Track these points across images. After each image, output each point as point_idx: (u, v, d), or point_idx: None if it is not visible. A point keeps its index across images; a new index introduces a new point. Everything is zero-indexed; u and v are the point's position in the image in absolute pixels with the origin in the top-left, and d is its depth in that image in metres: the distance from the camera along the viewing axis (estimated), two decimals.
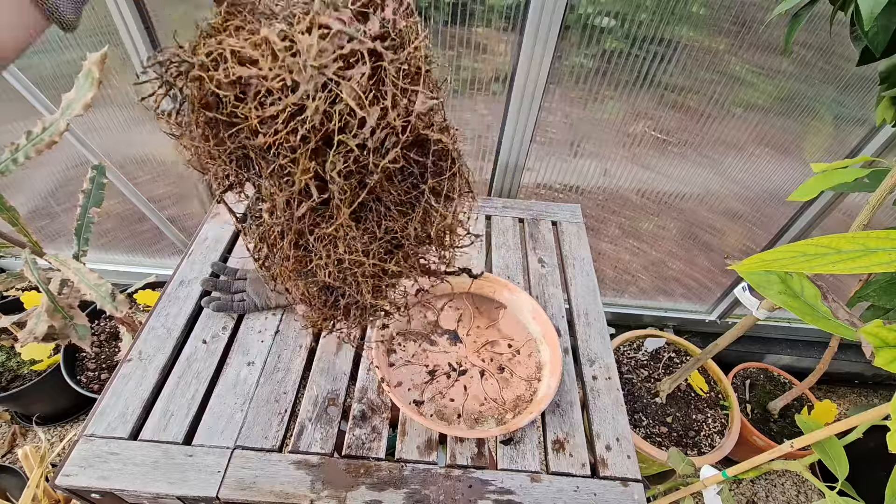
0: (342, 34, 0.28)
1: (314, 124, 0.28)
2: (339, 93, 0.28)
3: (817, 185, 0.72)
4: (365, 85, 0.28)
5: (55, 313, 0.93)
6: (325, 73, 0.28)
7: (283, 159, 0.30)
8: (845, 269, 0.34)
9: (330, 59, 0.28)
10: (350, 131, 0.29)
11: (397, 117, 0.30)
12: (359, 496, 0.62)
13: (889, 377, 1.70)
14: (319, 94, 0.28)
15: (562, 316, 0.87)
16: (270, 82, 0.28)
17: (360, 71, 0.28)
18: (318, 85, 0.28)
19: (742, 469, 0.72)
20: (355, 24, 0.29)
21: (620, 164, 1.21)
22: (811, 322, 0.54)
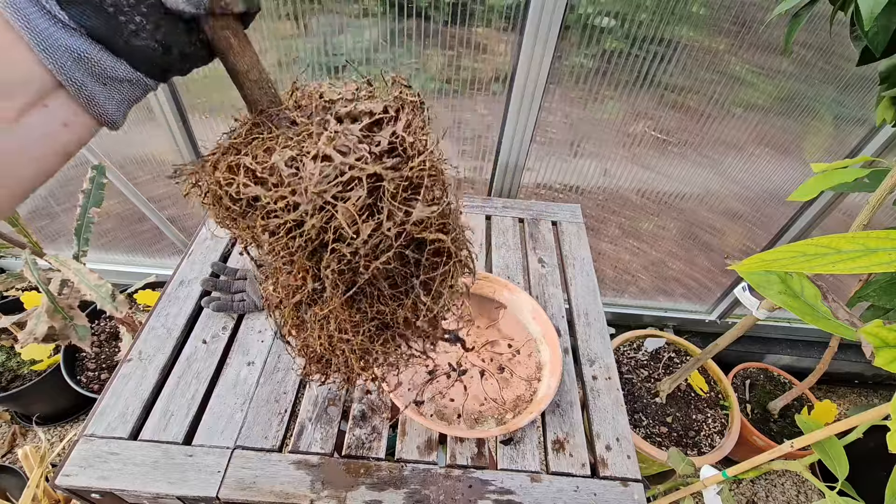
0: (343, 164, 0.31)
1: (310, 236, 0.32)
2: (334, 213, 0.31)
3: (817, 185, 0.72)
4: (361, 204, 0.32)
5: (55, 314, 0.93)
6: (323, 197, 0.31)
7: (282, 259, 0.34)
8: (845, 269, 0.34)
9: (330, 185, 0.31)
10: (344, 241, 0.32)
11: (392, 227, 0.33)
12: (359, 496, 0.62)
13: (889, 377, 1.70)
14: (317, 213, 0.31)
15: (562, 316, 0.87)
16: (274, 203, 0.31)
17: (357, 195, 0.31)
18: (317, 207, 0.31)
19: (742, 469, 0.72)
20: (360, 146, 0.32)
21: (620, 164, 1.21)
22: (811, 322, 0.54)
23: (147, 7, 0.26)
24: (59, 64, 0.25)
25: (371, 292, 0.38)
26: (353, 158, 0.31)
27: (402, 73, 1.02)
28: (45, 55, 0.24)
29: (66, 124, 0.27)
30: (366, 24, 0.95)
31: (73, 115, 0.27)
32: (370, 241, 0.33)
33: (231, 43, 0.30)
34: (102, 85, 0.27)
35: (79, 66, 0.26)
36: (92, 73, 0.26)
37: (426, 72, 1.03)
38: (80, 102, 0.26)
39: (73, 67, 0.25)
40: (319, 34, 0.96)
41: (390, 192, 0.32)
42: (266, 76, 0.33)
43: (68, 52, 0.25)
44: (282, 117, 0.34)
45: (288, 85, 0.37)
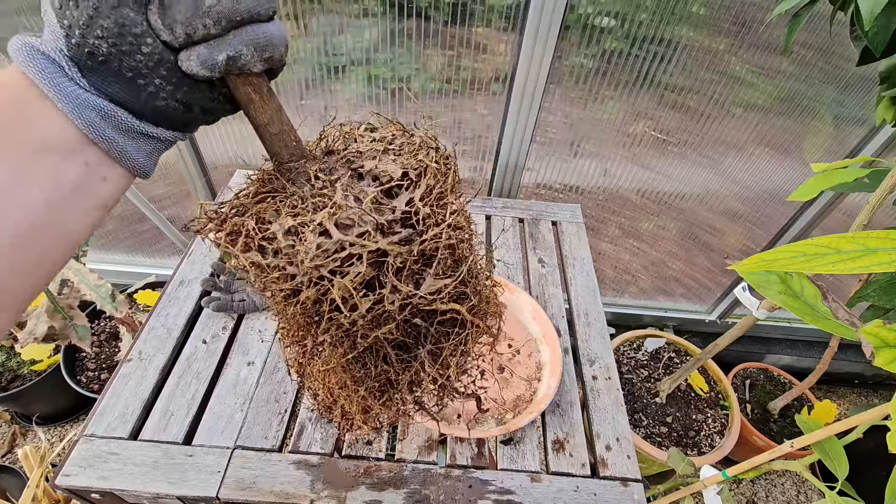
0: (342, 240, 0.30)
1: (306, 306, 0.31)
2: (330, 287, 0.30)
3: (817, 185, 0.72)
4: (360, 280, 0.31)
5: (55, 314, 0.93)
6: (319, 271, 0.30)
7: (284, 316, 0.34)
8: (845, 269, 0.34)
9: (327, 260, 0.30)
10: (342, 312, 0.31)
11: (397, 300, 0.32)
12: (359, 496, 0.62)
13: (889, 377, 1.70)
14: (312, 286, 0.31)
15: (562, 316, 0.86)
16: (270, 272, 0.31)
17: (356, 271, 0.30)
18: (312, 279, 0.30)
19: (742, 469, 0.72)
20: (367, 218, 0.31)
21: (620, 164, 1.21)
22: (811, 322, 0.54)
23: (165, 70, 0.26)
24: (89, 122, 0.26)
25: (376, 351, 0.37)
26: (355, 234, 0.30)
27: (402, 72, 1.02)
28: (75, 115, 0.25)
29: (105, 178, 0.28)
30: (366, 24, 0.95)
31: (110, 169, 0.28)
32: (370, 314, 0.32)
33: (252, 98, 0.30)
34: (132, 139, 0.28)
35: (107, 122, 0.26)
36: (119, 129, 0.27)
37: (426, 72, 1.03)
38: (113, 157, 0.27)
39: (103, 125, 0.26)
40: (319, 34, 0.96)
41: (395, 268, 0.31)
42: (288, 128, 0.33)
43: (95, 111, 0.26)
44: (300, 171, 0.33)
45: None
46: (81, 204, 0.27)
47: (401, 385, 0.38)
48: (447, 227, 0.33)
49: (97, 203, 0.28)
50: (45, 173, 0.25)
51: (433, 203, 0.33)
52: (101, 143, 0.26)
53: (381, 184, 0.33)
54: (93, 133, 0.26)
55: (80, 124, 0.25)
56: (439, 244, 0.32)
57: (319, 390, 0.40)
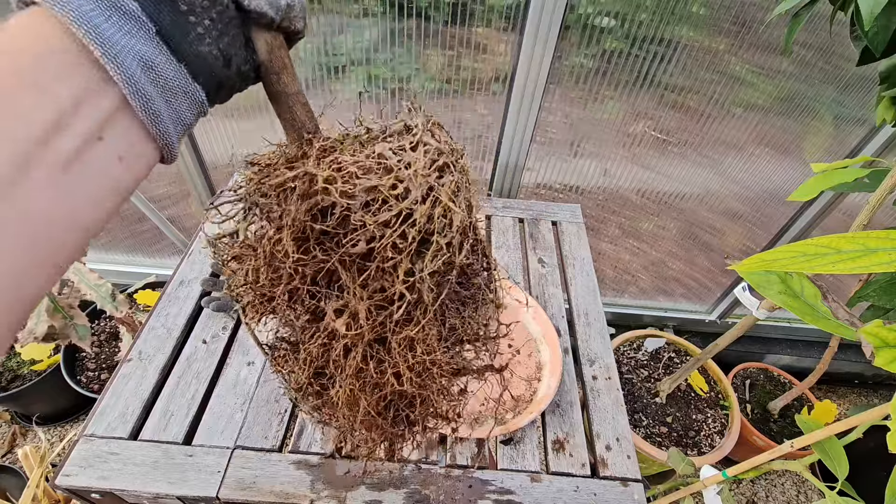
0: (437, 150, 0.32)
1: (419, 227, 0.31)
2: (438, 196, 0.31)
3: (817, 185, 0.72)
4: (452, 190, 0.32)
5: (55, 313, 0.93)
6: (429, 182, 0.31)
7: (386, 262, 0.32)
8: (845, 269, 0.34)
9: (432, 170, 0.32)
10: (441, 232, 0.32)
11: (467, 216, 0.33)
12: (359, 496, 0.62)
13: (889, 377, 1.70)
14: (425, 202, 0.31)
15: (562, 316, 0.86)
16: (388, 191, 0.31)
17: (450, 179, 0.32)
18: (426, 191, 0.31)
19: (742, 469, 0.72)
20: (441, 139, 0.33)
21: (620, 164, 1.21)
22: (811, 322, 0.54)
23: (217, 12, 0.24)
24: (128, 74, 0.21)
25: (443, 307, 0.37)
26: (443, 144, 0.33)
27: (402, 72, 1.02)
28: (112, 64, 0.21)
29: (122, 157, 0.23)
30: (366, 24, 0.95)
31: (129, 146, 0.23)
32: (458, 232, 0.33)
33: (286, 63, 0.29)
34: (165, 101, 0.24)
35: (147, 75, 0.22)
36: (157, 85, 0.23)
37: (426, 72, 1.03)
38: (144, 122, 0.23)
39: (143, 77, 0.22)
40: (319, 34, 0.96)
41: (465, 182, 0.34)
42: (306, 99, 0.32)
43: (137, 59, 0.22)
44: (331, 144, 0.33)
45: None
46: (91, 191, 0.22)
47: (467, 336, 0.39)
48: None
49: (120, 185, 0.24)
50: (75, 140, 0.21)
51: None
52: (136, 100, 0.22)
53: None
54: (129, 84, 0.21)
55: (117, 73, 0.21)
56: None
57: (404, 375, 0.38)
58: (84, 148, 0.21)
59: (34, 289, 0.22)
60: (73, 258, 0.23)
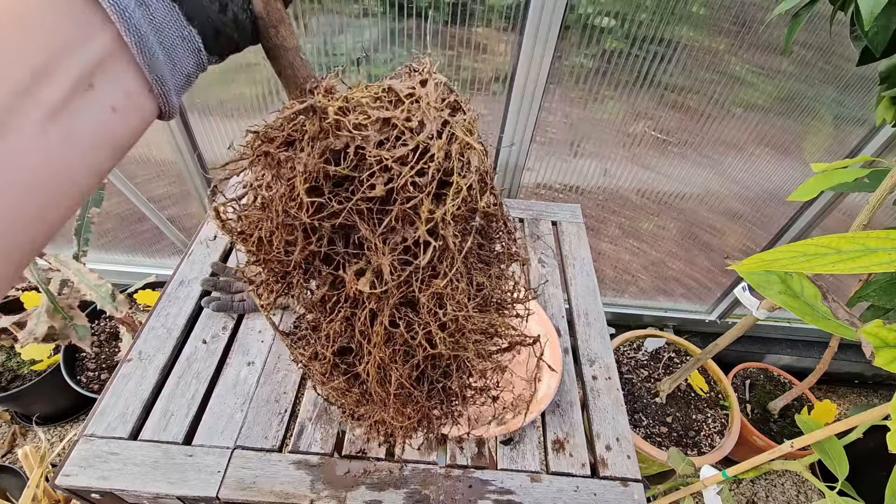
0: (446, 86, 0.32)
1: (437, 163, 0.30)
2: (454, 132, 0.30)
3: (817, 185, 0.72)
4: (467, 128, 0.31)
5: (55, 313, 0.93)
6: (442, 116, 0.30)
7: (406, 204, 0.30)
8: (845, 269, 0.34)
9: (444, 105, 0.31)
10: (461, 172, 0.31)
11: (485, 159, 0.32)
12: (359, 496, 0.62)
13: (889, 377, 1.70)
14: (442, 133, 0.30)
15: (562, 316, 0.86)
16: (402, 123, 0.29)
17: (462, 117, 0.31)
18: (440, 125, 0.30)
19: (742, 469, 0.72)
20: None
21: (620, 164, 1.21)
22: (811, 322, 0.54)
23: None
24: (122, 6, 0.20)
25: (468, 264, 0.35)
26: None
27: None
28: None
29: (115, 108, 0.21)
30: (366, 24, 0.95)
31: (123, 96, 0.21)
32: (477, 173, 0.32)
33: (282, 16, 0.29)
34: (160, 44, 0.22)
35: (142, 12, 0.21)
36: (152, 24, 0.21)
37: None
38: (139, 64, 0.21)
39: (138, 13, 0.20)
40: (319, 34, 0.96)
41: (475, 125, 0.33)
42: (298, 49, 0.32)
43: None
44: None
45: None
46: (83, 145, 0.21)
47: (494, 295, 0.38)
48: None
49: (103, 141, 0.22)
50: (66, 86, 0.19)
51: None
52: (132, 37, 0.20)
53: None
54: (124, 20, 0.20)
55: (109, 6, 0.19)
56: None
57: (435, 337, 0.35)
58: (72, 96, 0.19)
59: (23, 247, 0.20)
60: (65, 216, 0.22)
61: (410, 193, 0.29)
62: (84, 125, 0.20)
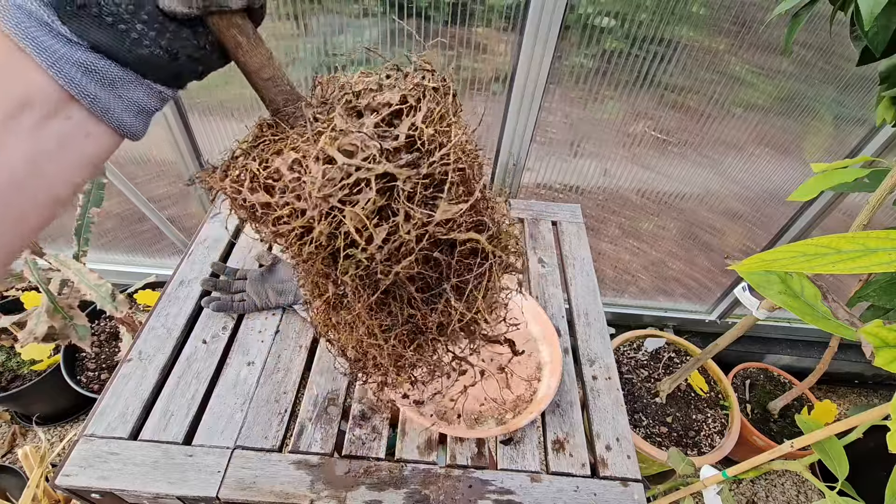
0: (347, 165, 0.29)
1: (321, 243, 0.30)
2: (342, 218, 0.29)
3: (817, 185, 0.72)
4: (372, 208, 0.30)
5: (55, 313, 0.93)
6: (329, 202, 0.29)
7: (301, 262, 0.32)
8: (845, 269, 0.34)
9: (335, 189, 0.29)
10: (358, 246, 0.30)
11: (412, 229, 0.31)
12: (359, 496, 0.62)
13: (889, 377, 1.70)
14: (324, 219, 0.30)
15: (562, 316, 0.86)
16: (280, 210, 0.30)
17: (366, 198, 0.29)
18: (323, 212, 0.29)
19: (742, 469, 0.72)
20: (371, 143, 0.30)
21: (620, 164, 1.21)
22: (811, 322, 0.54)
23: (147, 14, 0.25)
24: (69, 78, 0.25)
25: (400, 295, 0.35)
26: (360, 158, 0.29)
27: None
28: (54, 70, 0.24)
29: (89, 134, 0.27)
30: (366, 24, 0.95)
31: (95, 126, 0.27)
32: (387, 245, 0.31)
33: (239, 41, 0.29)
34: (118, 97, 0.27)
35: (89, 78, 0.26)
36: (103, 85, 0.26)
37: None
38: (96, 114, 0.26)
39: (84, 80, 0.25)
40: (319, 34, 0.96)
41: (406, 193, 0.30)
42: (280, 73, 0.32)
43: (76, 66, 0.25)
44: (298, 116, 0.32)
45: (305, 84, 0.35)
46: (65, 160, 0.26)
47: (430, 328, 0.37)
48: (454, 147, 0.32)
49: (82, 160, 0.27)
50: (26, 128, 0.25)
51: (436, 125, 0.32)
52: (82, 99, 0.26)
53: (379, 114, 0.32)
54: (74, 89, 0.25)
55: (60, 80, 0.25)
56: (448, 167, 0.32)
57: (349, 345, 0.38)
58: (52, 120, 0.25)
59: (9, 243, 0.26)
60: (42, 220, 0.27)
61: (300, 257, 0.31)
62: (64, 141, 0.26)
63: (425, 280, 0.35)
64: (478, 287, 0.36)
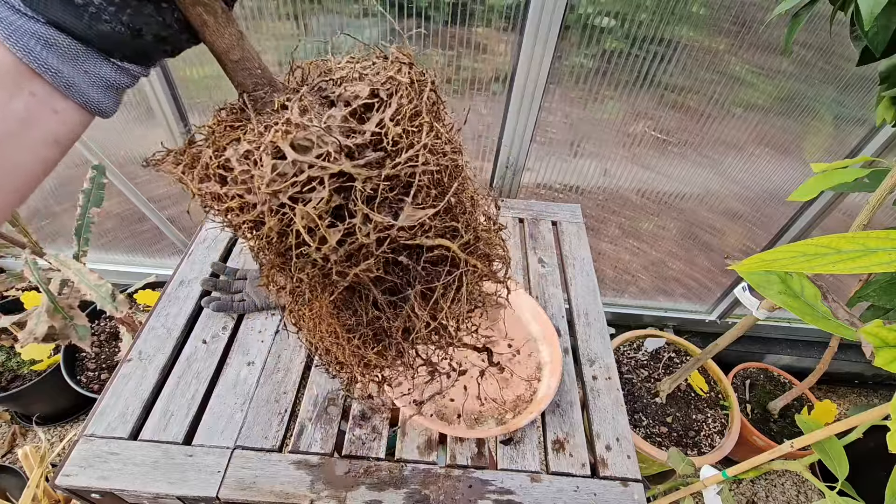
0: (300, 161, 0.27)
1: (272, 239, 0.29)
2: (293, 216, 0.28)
3: (817, 185, 0.72)
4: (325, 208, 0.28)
5: (55, 313, 0.93)
6: (279, 198, 0.27)
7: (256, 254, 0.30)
8: (845, 269, 0.34)
9: (285, 185, 0.27)
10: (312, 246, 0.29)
11: (372, 232, 0.29)
12: (359, 496, 0.62)
13: (889, 377, 1.70)
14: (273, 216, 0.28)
15: (562, 316, 0.86)
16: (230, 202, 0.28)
17: (318, 197, 0.28)
18: (272, 208, 0.28)
19: (742, 469, 0.72)
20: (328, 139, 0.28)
21: (620, 164, 1.21)
22: (811, 322, 0.54)
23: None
24: (27, 50, 0.24)
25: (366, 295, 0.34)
26: (315, 155, 0.28)
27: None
28: (10, 42, 0.23)
29: (56, 111, 0.26)
30: (366, 23, 0.95)
31: (61, 101, 0.26)
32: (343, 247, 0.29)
33: (205, 20, 0.27)
34: (83, 72, 0.26)
35: (49, 51, 0.24)
36: (65, 59, 0.25)
37: None
38: (59, 89, 0.25)
39: (44, 53, 0.24)
40: (319, 34, 0.96)
41: (365, 194, 0.29)
42: (251, 55, 0.30)
43: (34, 38, 0.24)
44: (267, 101, 0.31)
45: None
46: (31, 137, 0.25)
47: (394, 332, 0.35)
48: (423, 149, 0.30)
49: (49, 137, 0.26)
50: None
51: (406, 123, 0.30)
52: (43, 73, 0.24)
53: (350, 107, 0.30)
54: (34, 62, 0.24)
55: (18, 53, 0.23)
56: (416, 169, 0.29)
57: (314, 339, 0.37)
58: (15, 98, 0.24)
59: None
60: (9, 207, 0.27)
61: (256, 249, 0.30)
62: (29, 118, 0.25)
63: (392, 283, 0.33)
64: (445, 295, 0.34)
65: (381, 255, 0.30)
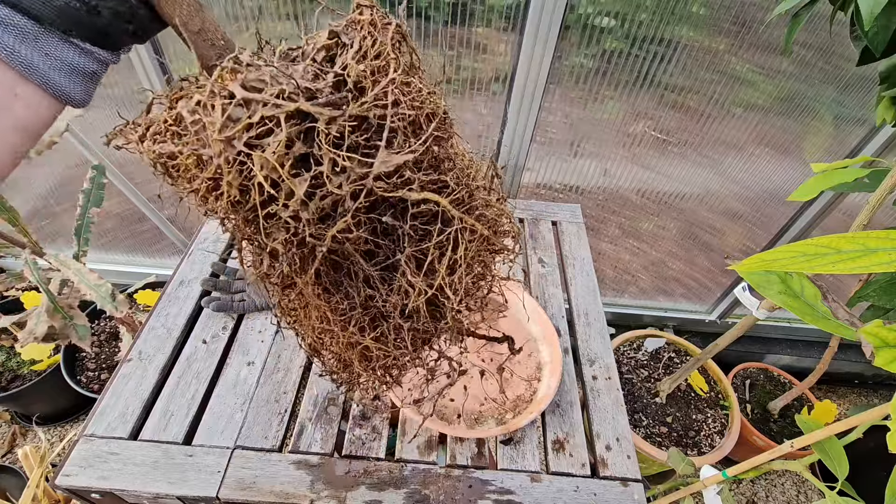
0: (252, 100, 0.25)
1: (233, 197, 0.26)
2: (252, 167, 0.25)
3: (817, 185, 0.72)
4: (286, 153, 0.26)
5: (55, 313, 0.93)
6: (234, 146, 0.25)
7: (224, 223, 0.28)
8: (845, 269, 0.34)
9: (239, 130, 0.25)
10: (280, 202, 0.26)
11: (344, 182, 0.26)
12: (359, 496, 0.62)
13: (889, 377, 1.70)
14: (231, 168, 0.25)
15: (562, 316, 0.86)
16: (185, 159, 0.26)
17: (276, 140, 0.25)
18: (228, 159, 0.25)
19: (742, 469, 0.72)
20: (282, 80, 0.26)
21: (620, 164, 1.21)
22: (811, 322, 0.54)
23: None
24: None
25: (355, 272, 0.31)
26: (269, 94, 0.25)
27: None
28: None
29: (17, 94, 0.25)
30: None
31: (22, 85, 0.25)
32: (314, 202, 0.26)
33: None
34: (43, 54, 0.25)
35: (6, 31, 0.24)
36: (23, 39, 0.24)
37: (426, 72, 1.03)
38: (17, 70, 0.24)
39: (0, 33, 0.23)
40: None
41: (331, 138, 0.26)
42: (212, 26, 0.29)
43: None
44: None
45: None
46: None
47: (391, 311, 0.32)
48: (391, 84, 0.27)
49: (14, 123, 0.26)
50: None
51: (369, 61, 0.28)
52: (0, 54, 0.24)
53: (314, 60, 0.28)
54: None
55: None
56: (386, 111, 0.27)
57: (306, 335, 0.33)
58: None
59: None
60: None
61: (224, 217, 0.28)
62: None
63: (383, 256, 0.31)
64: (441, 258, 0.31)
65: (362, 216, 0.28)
